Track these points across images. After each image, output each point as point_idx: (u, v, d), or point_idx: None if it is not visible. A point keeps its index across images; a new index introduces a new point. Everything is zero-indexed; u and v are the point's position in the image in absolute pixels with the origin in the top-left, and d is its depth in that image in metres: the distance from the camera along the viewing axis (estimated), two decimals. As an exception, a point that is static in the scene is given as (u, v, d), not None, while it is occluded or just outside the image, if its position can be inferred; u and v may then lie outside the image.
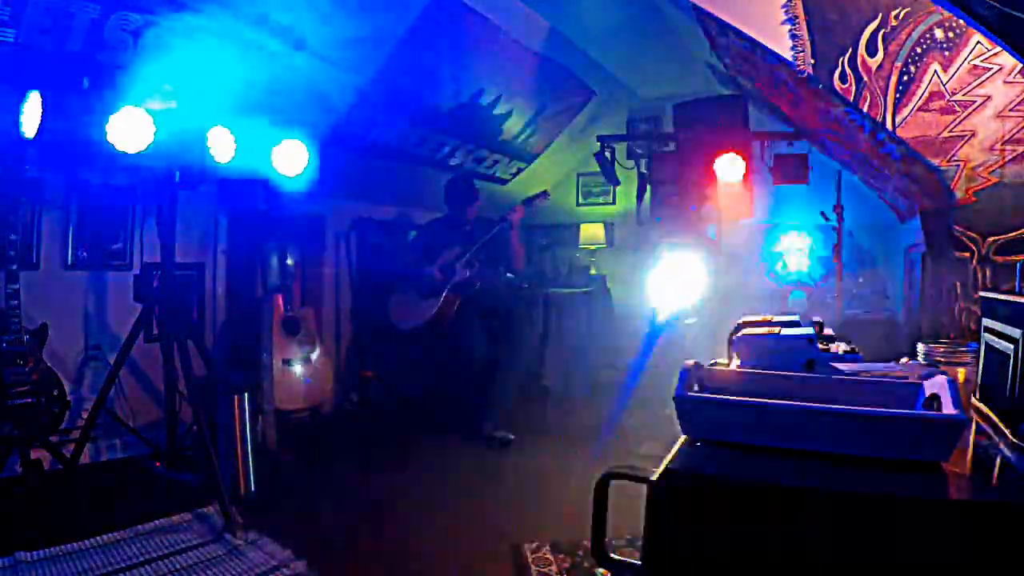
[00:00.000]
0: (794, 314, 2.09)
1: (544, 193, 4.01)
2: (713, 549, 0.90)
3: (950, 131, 2.27)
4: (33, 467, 2.54)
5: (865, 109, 2.48)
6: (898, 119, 2.38)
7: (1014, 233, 2.28)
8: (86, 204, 3.06)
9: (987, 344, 1.27)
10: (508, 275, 4.75)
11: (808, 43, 2.44)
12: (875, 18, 2.15)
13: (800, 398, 1.05)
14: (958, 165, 2.39)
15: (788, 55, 2.53)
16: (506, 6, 3.69)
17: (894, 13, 2.07)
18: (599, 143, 4.64)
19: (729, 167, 4.06)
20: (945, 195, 2.57)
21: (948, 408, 0.96)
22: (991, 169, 2.29)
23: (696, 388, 1.13)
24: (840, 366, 1.55)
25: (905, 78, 2.22)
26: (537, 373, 4.50)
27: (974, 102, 2.12)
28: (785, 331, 1.76)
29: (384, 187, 4.56)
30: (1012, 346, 1.11)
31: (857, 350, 1.71)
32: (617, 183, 4.97)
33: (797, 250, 4.78)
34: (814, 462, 0.94)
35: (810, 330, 1.74)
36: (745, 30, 2.65)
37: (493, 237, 3.82)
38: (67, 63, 2.54)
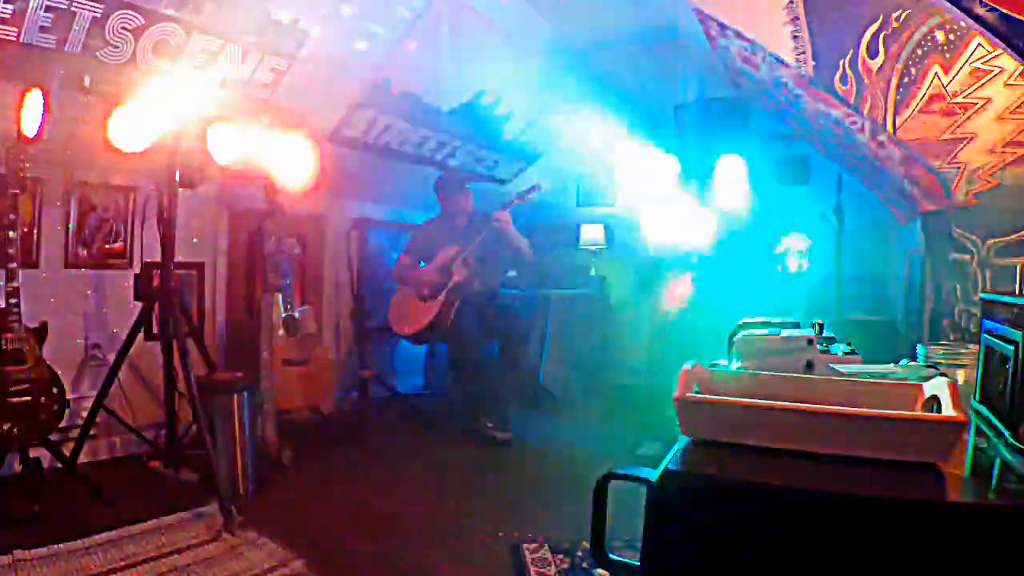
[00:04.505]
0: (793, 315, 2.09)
1: (536, 187, 4.02)
2: (712, 550, 0.90)
3: (951, 133, 2.27)
4: (32, 465, 2.53)
5: (866, 111, 2.48)
6: (899, 121, 2.38)
7: (1014, 235, 2.28)
8: (86, 203, 3.06)
9: (987, 346, 1.27)
10: (509, 274, 4.75)
11: (809, 45, 2.44)
12: (876, 20, 2.15)
13: (800, 399, 1.05)
14: (958, 167, 2.39)
15: (789, 56, 2.53)
16: (508, 6, 3.70)
17: (895, 15, 2.07)
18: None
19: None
20: (945, 197, 2.58)
21: (947, 410, 0.96)
22: (991, 171, 2.28)
23: (696, 389, 1.13)
24: (840, 367, 1.56)
25: (906, 80, 2.21)
26: (537, 373, 4.50)
27: (975, 104, 2.12)
28: (785, 332, 1.77)
29: (384, 187, 4.56)
30: (1012, 348, 1.11)
31: (856, 352, 1.71)
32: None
33: (797, 251, 4.78)
34: (814, 463, 0.94)
35: (810, 331, 1.75)
36: (746, 32, 2.65)
37: (489, 236, 3.81)
38: (68, 61, 2.54)
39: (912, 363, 1.65)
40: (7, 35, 2.38)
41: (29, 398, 2.45)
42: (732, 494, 0.90)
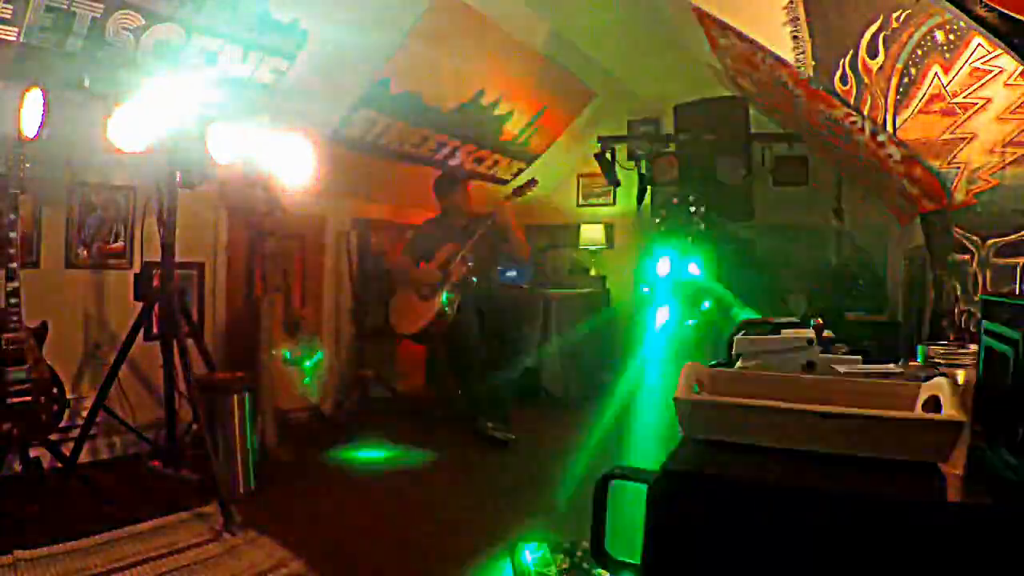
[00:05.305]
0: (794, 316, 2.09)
1: (532, 181, 4.02)
2: (713, 550, 0.90)
3: (951, 133, 2.27)
4: (32, 466, 2.53)
5: (866, 111, 2.48)
6: (899, 121, 2.38)
7: (1014, 235, 2.28)
8: (86, 203, 3.06)
9: (987, 346, 1.27)
10: (509, 274, 4.75)
11: (809, 45, 2.44)
12: (876, 20, 2.15)
13: (800, 399, 1.05)
14: (958, 167, 2.39)
15: (789, 56, 2.53)
16: (507, 6, 3.70)
17: (895, 15, 2.07)
18: (599, 144, 4.65)
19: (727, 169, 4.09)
20: (945, 197, 2.57)
21: (947, 410, 0.96)
22: (991, 172, 2.28)
23: (696, 389, 1.13)
24: (840, 367, 1.56)
25: (906, 80, 2.21)
26: (537, 373, 4.50)
27: (975, 104, 2.11)
28: (785, 332, 1.77)
29: (384, 187, 4.56)
30: (1012, 348, 1.11)
31: (857, 351, 1.71)
32: (617, 184, 4.97)
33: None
34: (814, 463, 0.94)
35: (810, 331, 1.74)
36: (746, 31, 2.65)
37: (487, 232, 3.82)
38: (68, 61, 2.54)
39: (912, 363, 1.65)
40: (7, 35, 2.38)
41: (29, 398, 2.45)
42: (732, 494, 0.90)
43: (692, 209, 4.36)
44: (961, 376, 1.47)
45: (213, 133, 2.68)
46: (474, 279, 3.83)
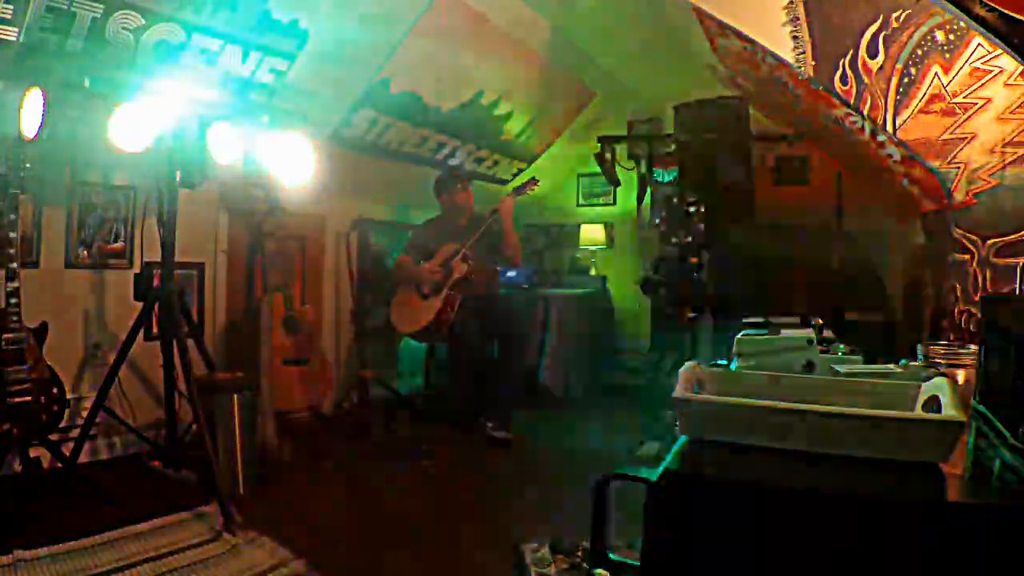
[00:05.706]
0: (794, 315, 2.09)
1: (532, 180, 4.02)
2: (713, 550, 0.90)
3: (951, 133, 2.27)
4: (32, 466, 2.53)
5: (866, 111, 2.48)
6: (899, 121, 2.38)
7: (1014, 235, 2.28)
8: (87, 203, 3.06)
9: (987, 346, 1.27)
10: (509, 274, 4.75)
11: (809, 44, 2.44)
12: (876, 20, 2.16)
13: (800, 399, 1.04)
14: (958, 167, 2.39)
15: (789, 56, 2.53)
16: (507, 6, 3.70)
17: (895, 15, 2.07)
18: (599, 144, 4.64)
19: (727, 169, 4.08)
20: (945, 197, 2.58)
21: (947, 410, 0.96)
22: (991, 171, 2.29)
23: (696, 388, 1.13)
24: (840, 367, 1.55)
25: (906, 80, 2.22)
26: (537, 373, 4.50)
27: (975, 104, 2.12)
28: (785, 332, 1.77)
29: (384, 187, 4.56)
30: (1012, 348, 1.11)
31: (857, 351, 1.71)
32: (617, 184, 4.97)
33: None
34: (814, 463, 0.94)
35: (810, 331, 1.74)
36: (746, 31, 2.65)
37: (487, 230, 3.82)
38: (68, 61, 2.54)
39: (912, 363, 1.65)
40: (7, 35, 2.38)
41: (29, 398, 2.45)
42: (732, 494, 0.90)
43: (692, 209, 4.36)
44: (961, 376, 1.48)
45: (213, 133, 2.68)
46: (474, 276, 3.83)
